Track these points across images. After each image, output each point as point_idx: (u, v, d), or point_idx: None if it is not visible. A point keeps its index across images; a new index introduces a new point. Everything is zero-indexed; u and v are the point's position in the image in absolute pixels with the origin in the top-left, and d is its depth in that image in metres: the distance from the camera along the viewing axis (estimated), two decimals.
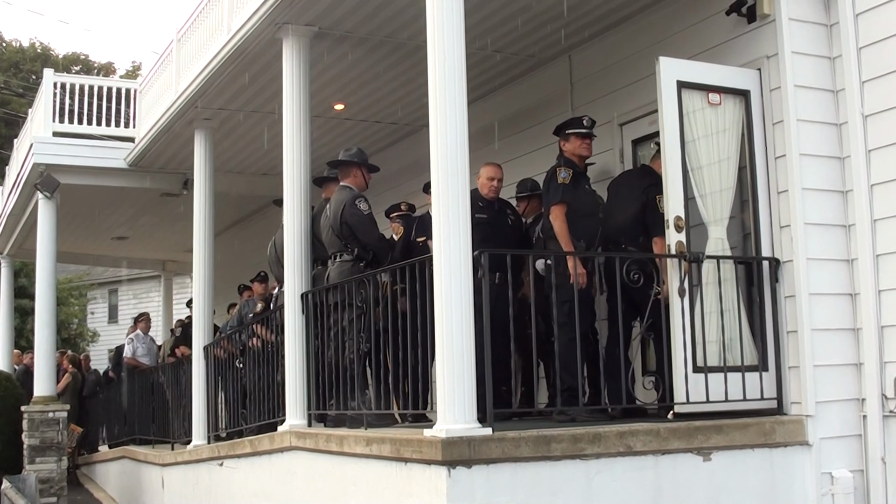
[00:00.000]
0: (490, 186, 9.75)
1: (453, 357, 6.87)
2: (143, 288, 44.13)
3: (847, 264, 8.36)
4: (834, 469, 8.05)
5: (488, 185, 9.75)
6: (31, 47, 53.13)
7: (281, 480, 9.87)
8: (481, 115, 11.21)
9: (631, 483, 7.25)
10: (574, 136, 9.22)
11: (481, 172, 9.73)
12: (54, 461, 16.48)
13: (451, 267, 6.97)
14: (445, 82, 7.17)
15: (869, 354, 8.14)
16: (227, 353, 13.02)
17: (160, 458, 14.96)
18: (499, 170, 9.90)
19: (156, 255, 25.02)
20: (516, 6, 9.90)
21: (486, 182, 9.75)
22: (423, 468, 6.88)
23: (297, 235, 10.16)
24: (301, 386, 9.78)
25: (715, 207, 8.37)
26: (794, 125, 8.25)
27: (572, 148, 9.21)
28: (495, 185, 9.80)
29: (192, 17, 13.56)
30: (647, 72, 8.97)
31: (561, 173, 8.91)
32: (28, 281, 30.92)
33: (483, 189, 9.69)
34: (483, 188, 9.70)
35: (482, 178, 9.73)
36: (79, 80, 18.22)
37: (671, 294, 8.04)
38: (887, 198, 8.07)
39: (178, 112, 13.44)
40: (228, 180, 16.23)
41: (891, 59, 8.06)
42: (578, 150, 9.22)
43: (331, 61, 11.26)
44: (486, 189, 9.72)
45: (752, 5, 8.53)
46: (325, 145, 13.78)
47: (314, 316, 9.78)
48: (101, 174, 16.73)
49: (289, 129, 10.32)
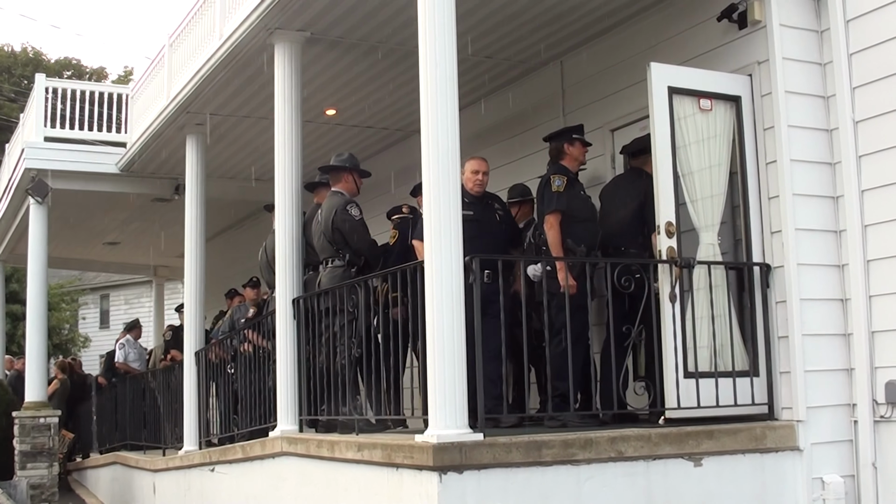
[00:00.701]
0: (475, 181, 9.33)
1: (444, 362, 6.87)
2: (135, 293, 44.17)
3: (838, 270, 8.37)
4: (825, 474, 8.05)
5: (473, 178, 9.31)
6: (22, 52, 53.01)
7: (272, 486, 9.86)
8: (473, 120, 11.21)
9: (622, 488, 7.26)
10: (579, 142, 9.23)
11: (465, 167, 9.20)
12: (45, 467, 16.45)
13: (443, 272, 6.97)
14: (437, 88, 7.17)
15: (860, 360, 8.15)
16: (219, 359, 13.00)
17: (152, 464, 14.92)
18: (483, 163, 9.49)
19: (147, 260, 24.94)
20: (508, 12, 9.90)
21: (470, 176, 9.29)
22: (414, 474, 6.88)
23: (289, 241, 10.15)
24: (292, 391, 9.76)
25: (706, 213, 8.38)
26: (784, 131, 8.26)
27: (577, 153, 9.21)
28: (480, 179, 9.37)
29: (184, 22, 13.55)
30: (638, 77, 8.98)
31: (555, 181, 8.88)
32: (19, 286, 30.88)
33: (468, 184, 9.22)
34: (468, 183, 9.23)
35: (466, 173, 9.22)
36: (70, 85, 18.24)
37: (662, 298, 8.04)
38: (878, 203, 8.09)
39: (169, 117, 13.43)
40: (220, 186, 16.20)
41: (881, 64, 8.08)
42: (581, 156, 9.25)
43: (322, 66, 11.27)
44: (470, 184, 9.27)
45: (743, 11, 8.54)
46: (317, 150, 13.77)
47: (305, 321, 9.76)
48: (92, 179, 16.69)
49: (280, 135, 10.32)
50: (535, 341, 8.68)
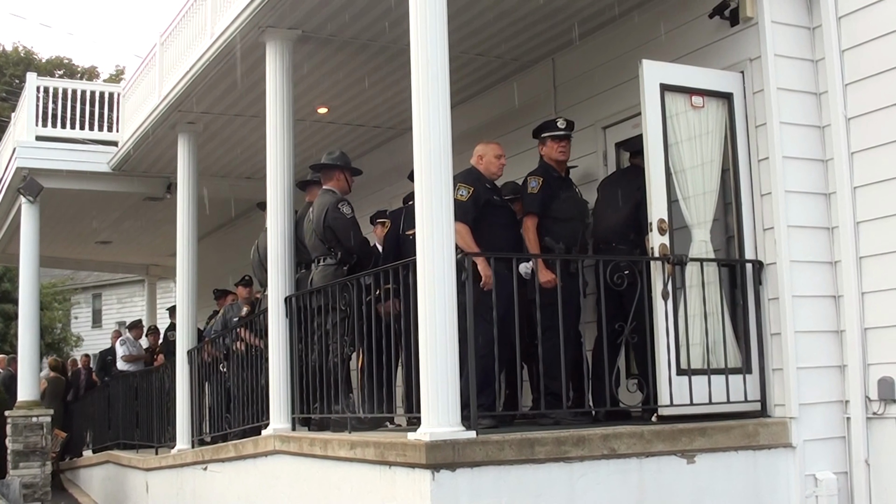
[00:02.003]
0: (500, 165, 9.04)
1: (437, 360, 6.86)
2: (127, 292, 44.13)
3: (830, 266, 8.37)
4: (818, 471, 8.06)
5: (497, 163, 9.00)
6: (13, 51, 52.90)
7: (265, 484, 9.85)
8: (465, 118, 11.20)
9: (615, 486, 7.25)
10: (550, 140, 9.18)
11: (487, 150, 8.99)
12: (38, 466, 16.47)
13: (435, 270, 6.96)
14: (429, 86, 7.17)
15: (852, 356, 8.15)
16: (212, 357, 12.99)
17: (144, 463, 14.91)
18: (501, 146, 9.28)
19: (139, 259, 24.96)
20: (499, 9, 9.89)
21: (494, 160, 8.97)
22: (407, 471, 6.88)
23: (281, 239, 10.14)
24: (285, 389, 9.75)
25: (698, 210, 8.38)
26: (776, 128, 8.26)
27: (548, 151, 9.18)
28: (504, 163, 9.11)
29: (176, 20, 13.53)
30: (630, 75, 8.98)
31: (531, 183, 8.87)
32: (11, 285, 30.88)
33: (493, 168, 8.96)
34: (493, 167, 8.96)
35: (489, 156, 8.95)
36: (62, 83, 18.22)
37: (654, 296, 8.04)
38: (870, 200, 8.09)
39: (161, 116, 13.42)
40: (212, 184, 16.17)
41: (873, 61, 8.08)
42: (554, 153, 9.17)
43: (314, 64, 11.26)
44: (495, 168, 8.98)
45: (734, 8, 8.54)
46: (309, 149, 13.77)
47: (298, 319, 9.76)
48: (84, 178, 16.69)
49: (272, 133, 10.31)
50: (529, 338, 8.67)
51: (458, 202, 7.91)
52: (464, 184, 8.50)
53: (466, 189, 8.48)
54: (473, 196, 8.53)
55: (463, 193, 8.42)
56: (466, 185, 8.52)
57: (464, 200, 8.38)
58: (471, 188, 8.53)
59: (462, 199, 8.35)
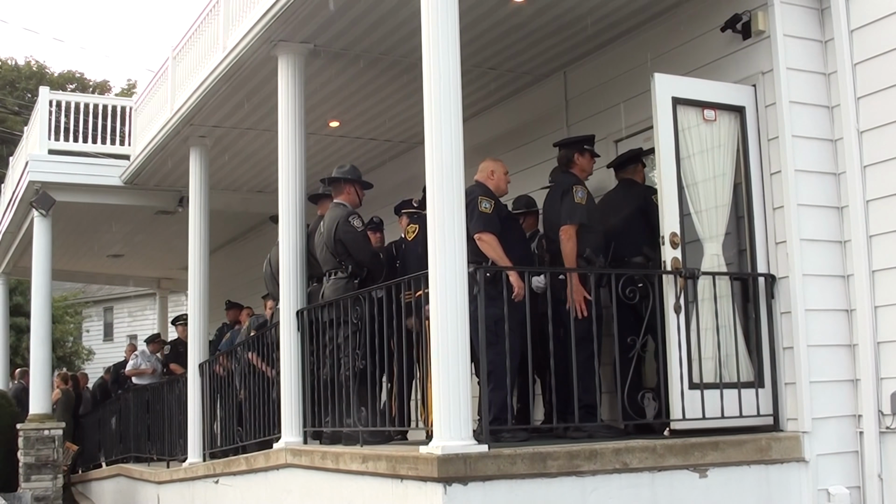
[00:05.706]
0: (507, 182, 9.11)
1: (449, 374, 6.85)
2: (139, 306, 44.15)
3: (843, 280, 8.35)
4: (830, 486, 8.03)
5: (506, 179, 9.07)
6: (26, 65, 53.14)
7: (276, 498, 9.84)
8: (476, 132, 11.20)
9: (627, 500, 7.23)
10: (590, 153, 9.22)
11: (497, 167, 9.00)
12: (50, 479, 16.47)
13: (447, 283, 6.95)
14: (441, 99, 7.17)
15: (865, 370, 8.12)
16: (227, 371, 12.99)
17: (156, 476, 14.90)
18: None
19: (151, 272, 25.02)
20: (511, 23, 9.91)
21: (504, 177, 9.02)
22: (419, 485, 6.86)
23: (293, 252, 10.15)
24: (296, 403, 9.75)
25: (710, 224, 8.37)
26: (789, 141, 8.25)
27: (585, 164, 9.17)
28: (510, 181, 9.23)
29: (188, 35, 13.58)
30: (642, 88, 8.99)
31: (578, 192, 8.77)
32: (23, 299, 30.89)
33: (502, 185, 9.01)
34: (502, 184, 8.99)
35: (500, 173, 8.97)
36: (74, 97, 18.28)
37: (666, 309, 8.02)
38: (883, 214, 8.07)
39: (173, 130, 13.45)
40: (224, 197, 16.23)
41: (886, 75, 8.07)
42: (589, 167, 9.23)
43: (326, 78, 11.27)
44: (504, 185, 9.04)
45: (747, 22, 8.54)
46: (320, 162, 13.79)
47: (309, 333, 9.76)
48: (96, 192, 16.74)
49: (284, 147, 10.33)
50: (541, 352, 8.64)
51: (484, 214, 8.36)
52: (485, 197, 8.55)
53: (489, 202, 8.56)
54: (496, 208, 8.61)
55: (487, 206, 8.51)
56: (488, 197, 8.57)
57: (489, 213, 8.49)
58: (492, 201, 8.60)
59: (487, 212, 8.48)
